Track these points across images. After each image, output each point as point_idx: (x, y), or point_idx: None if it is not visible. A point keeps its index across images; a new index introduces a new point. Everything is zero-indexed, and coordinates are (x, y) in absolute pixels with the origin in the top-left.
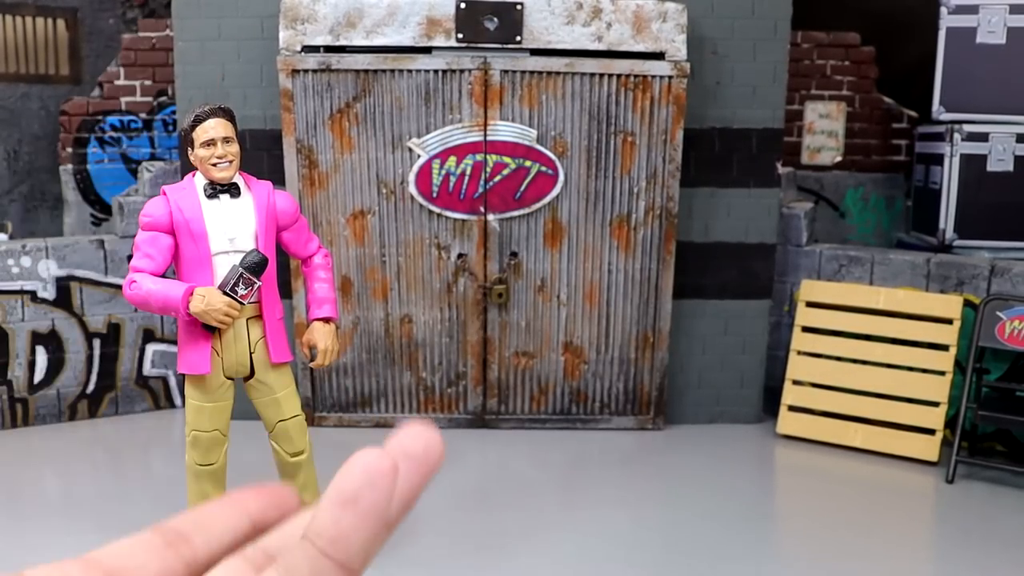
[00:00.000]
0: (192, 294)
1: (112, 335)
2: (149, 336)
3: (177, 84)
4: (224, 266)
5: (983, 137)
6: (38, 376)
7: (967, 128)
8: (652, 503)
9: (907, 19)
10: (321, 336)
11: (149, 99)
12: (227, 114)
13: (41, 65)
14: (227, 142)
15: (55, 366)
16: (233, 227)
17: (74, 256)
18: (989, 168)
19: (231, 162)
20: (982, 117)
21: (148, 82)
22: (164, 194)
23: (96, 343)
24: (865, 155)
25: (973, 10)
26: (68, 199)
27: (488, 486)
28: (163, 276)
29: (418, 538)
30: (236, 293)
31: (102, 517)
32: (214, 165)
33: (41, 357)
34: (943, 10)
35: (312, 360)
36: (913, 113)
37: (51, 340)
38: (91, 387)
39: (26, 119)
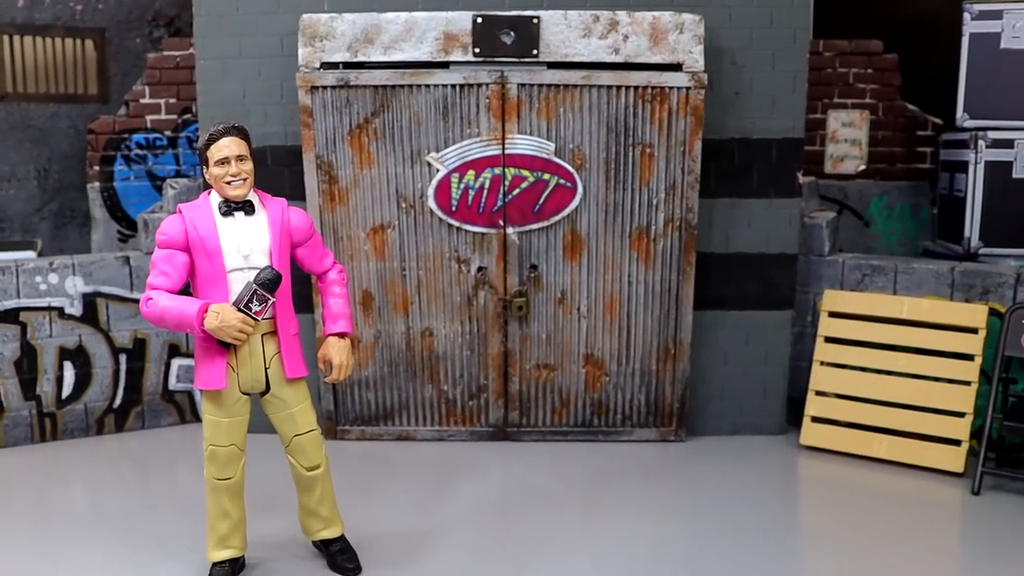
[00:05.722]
0: (207, 311)
1: (138, 350)
2: (174, 351)
3: (199, 102)
4: (239, 283)
5: (1008, 144)
6: (66, 391)
7: (992, 135)
8: (674, 516)
9: (930, 25)
10: (336, 351)
11: (174, 117)
12: (241, 132)
13: (70, 85)
14: (241, 160)
15: (82, 381)
16: (247, 244)
17: (100, 272)
18: (1014, 175)
19: (245, 180)
20: (1007, 124)
21: (173, 100)
22: (179, 212)
23: (122, 358)
24: (889, 163)
25: (997, 15)
26: (96, 216)
27: (509, 499)
28: (180, 293)
29: (439, 550)
30: (250, 309)
31: (129, 530)
32: (228, 183)
33: (69, 372)
34: (966, 16)
35: (328, 375)
36: (937, 120)
37: (78, 356)
38: (118, 402)
39: (55, 138)
